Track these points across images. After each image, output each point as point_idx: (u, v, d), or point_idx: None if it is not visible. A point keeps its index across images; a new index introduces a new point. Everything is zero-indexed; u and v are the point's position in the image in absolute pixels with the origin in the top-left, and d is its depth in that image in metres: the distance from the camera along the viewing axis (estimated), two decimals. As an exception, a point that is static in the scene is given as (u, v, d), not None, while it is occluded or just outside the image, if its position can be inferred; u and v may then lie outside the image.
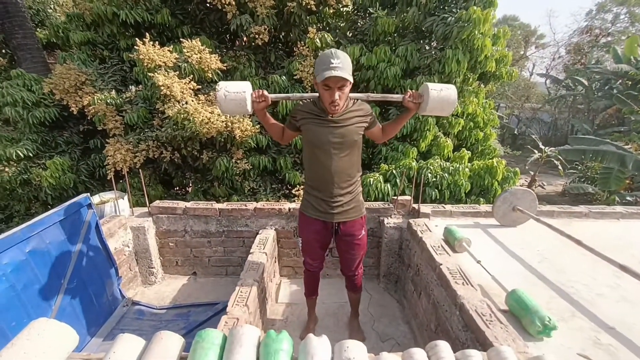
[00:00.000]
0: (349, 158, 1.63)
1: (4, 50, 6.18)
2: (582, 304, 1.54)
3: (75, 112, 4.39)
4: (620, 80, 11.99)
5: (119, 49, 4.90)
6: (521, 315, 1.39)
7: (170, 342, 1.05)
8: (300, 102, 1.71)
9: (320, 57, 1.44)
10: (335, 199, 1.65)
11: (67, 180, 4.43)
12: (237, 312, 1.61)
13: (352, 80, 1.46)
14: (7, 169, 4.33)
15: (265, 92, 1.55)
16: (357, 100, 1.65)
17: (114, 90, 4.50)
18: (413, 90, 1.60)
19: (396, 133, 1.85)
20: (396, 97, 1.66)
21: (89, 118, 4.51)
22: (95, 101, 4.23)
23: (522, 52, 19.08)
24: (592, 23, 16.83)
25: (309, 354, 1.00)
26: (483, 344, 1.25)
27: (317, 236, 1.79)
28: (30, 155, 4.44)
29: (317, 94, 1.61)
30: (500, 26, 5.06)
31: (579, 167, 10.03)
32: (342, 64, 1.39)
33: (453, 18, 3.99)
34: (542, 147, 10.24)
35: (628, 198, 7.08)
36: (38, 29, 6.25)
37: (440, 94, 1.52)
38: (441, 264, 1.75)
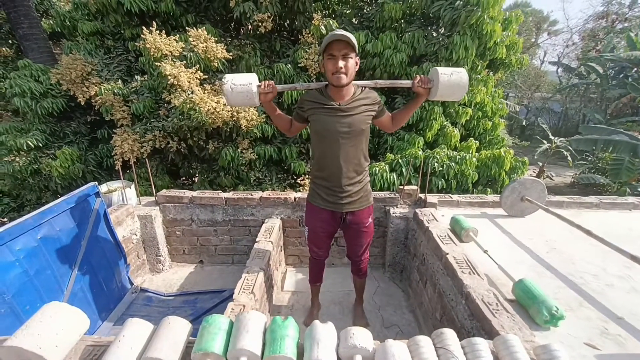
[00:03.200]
0: (357, 147, 1.61)
1: (10, 41, 6.20)
2: (590, 294, 1.53)
3: (82, 103, 4.41)
4: (635, 68, 11.58)
5: (124, 39, 4.87)
6: (528, 305, 1.38)
7: (178, 326, 1.07)
8: (307, 92, 1.69)
9: (326, 36, 1.46)
10: (344, 189, 1.64)
11: (76, 170, 4.49)
12: (244, 299, 1.63)
13: (356, 50, 1.46)
14: (17, 159, 4.40)
15: (272, 83, 1.55)
16: (365, 88, 1.63)
17: (119, 80, 4.49)
18: (422, 75, 1.56)
19: (406, 121, 1.82)
20: (405, 83, 1.63)
21: (96, 108, 4.53)
22: (102, 91, 4.24)
23: (533, 40, 18.50)
24: (609, 8, 16.17)
25: (314, 340, 1.01)
26: (489, 332, 1.25)
27: (324, 225, 1.78)
28: (40, 145, 4.50)
29: (323, 83, 1.60)
30: (512, 11, 4.88)
31: (589, 158, 9.81)
32: (345, 34, 1.41)
33: (461, 2, 3.86)
34: (552, 137, 10.02)
35: (639, 189, 6.92)
36: (43, 19, 6.24)
37: (451, 78, 1.48)
38: (447, 254, 1.74)
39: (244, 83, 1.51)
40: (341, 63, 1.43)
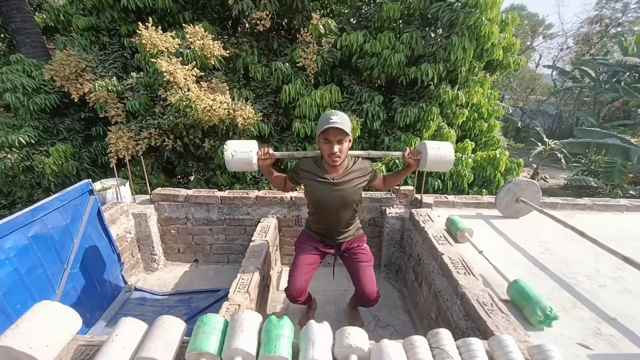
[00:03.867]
0: (350, 211, 1.77)
1: (2, 35, 6.09)
2: (583, 294, 1.54)
3: (76, 99, 4.35)
4: (628, 73, 11.75)
5: (120, 35, 4.80)
6: (522, 305, 1.39)
7: (172, 326, 1.06)
8: (303, 160, 1.78)
9: (322, 116, 1.57)
10: (337, 238, 1.84)
11: (69, 168, 4.42)
12: (239, 298, 1.62)
13: (351, 136, 1.57)
14: (9, 156, 4.32)
15: (271, 150, 1.66)
16: (358, 158, 1.74)
17: (114, 77, 4.44)
18: (412, 148, 1.69)
19: (397, 184, 1.99)
20: (396, 154, 1.76)
21: (90, 105, 4.47)
22: (97, 88, 4.18)
23: (528, 43, 18.67)
24: (602, 12, 16.39)
25: (310, 340, 1.01)
26: (484, 332, 1.26)
27: (317, 244, 1.88)
28: (32, 142, 4.42)
29: (319, 152, 1.68)
30: (508, 13, 4.91)
31: (582, 161, 9.94)
32: (340, 119, 1.49)
33: (460, 3, 3.88)
34: (546, 139, 10.13)
35: (631, 192, 7.02)
36: (36, 13, 6.14)
37: (438, 152, 1.61)
38: (443, 254, 1.75)
39: (244, 150, 1.62)
40: (336, 148, 1.53)
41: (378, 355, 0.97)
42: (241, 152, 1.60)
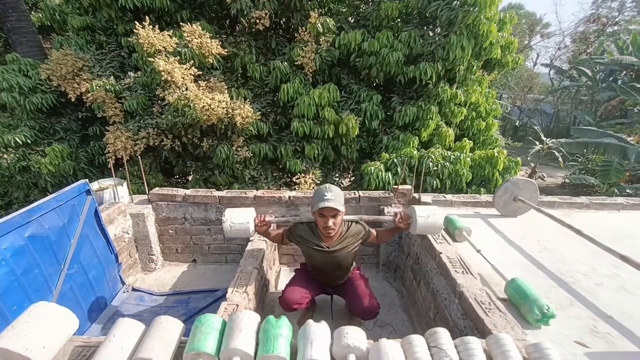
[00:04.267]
0: (345, 269, 1.89)
1: (-2, 34, 6.04)
2: (581, 293, 1.55)
3: (73, 99, 4.32)
4: (624, 72, 11.81)
5: (117, 34, 4.78)
6: (520, 304, 1.39)
7: (170, 326, 1.05)
8: (299, 225, 1.84)
9: (317, 191, 1.66)
10: (333, 284, 1.97)
11: (66, 168, 4.40)
12: (237, 298, 1.61)
13: (343, 211, 1.65)
14: (5, 156, 4.29)
15: (267, 217, 1.75)
16: (352, 223, 1.82)
17: (112, 76, 4.42)
18: (401, 213, 1.76)
19: (390, 239, 2.17)
20: (387, 218, 1.92)
21: (87, 105, 4.45)
22: (94, 88, 4.16)
23: (526, 42, 18.72)
24: (599, 11, 16.45)
25: (308, 339, 1.01)
26: (482, 331, 1.26)
27: (313, 281, 1.96)
28: (29, 142, 4.40)
29: (313, 219, 1.77)
30: (506, 12, 4.92)
31: (580, 160, 9.99)
32: (334, 196, 1.59)
33: (458, 2, 3.88)
34: (544, 138, 10.17)
35: (628, 190, 7.06)
36: (32, 12, 6.09)
37: (427, 221, 1.66)
38: (441, 253, 1.75)
39: (242, 222, 1.70)
40: (331, 222, 1.63)
41: (376, 355, 0.97)
42: (239, 223, 1.70)
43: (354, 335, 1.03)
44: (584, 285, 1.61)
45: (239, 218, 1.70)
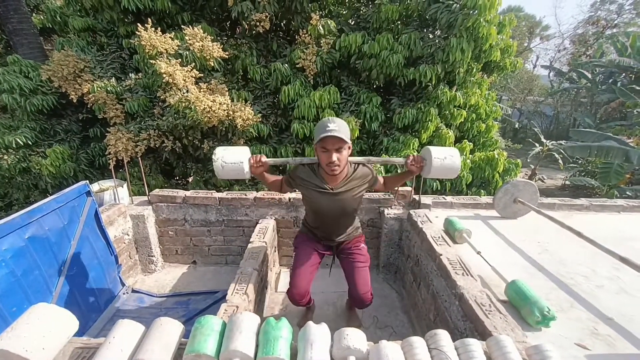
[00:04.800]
0: (350, 217, 1.75)
1: (-1, 36, 6.07)
2: (581, 295, 1.55)
3: (74, 100, 4.34)
4: (624, 74, 11.84)
5: (118, 36, 4.80)
6: (520, 306, 1.39)
7: (169, 328, 1.05)
8: (299, 167, 1.68)
9: (319, 123, 1.47)
10: (335, 239, 1.81)
11: (67, 169, 4.41)
12: (237, 300, 1.61)
13: (349, 144, 1.49)
14: (6, 157, 4.30)
15: (264, 158, 1.58)
16: (358, 165, 1.65)
17: (113, 78, 4.43)
18: (415, 155, 1.59)
19: (398, 186, 1.92)
20: (398, 160, 1.67)
21: (88, 106, 4.46)
22: (95, 89, 4.17)
23: (525, 44, 18.78)
24: (597, 14, 16.52)
25: (308, 341, 1.00)
26: (482, 333, 1.26)
27: (314, 245, 1.84)
28: (29, 143, 4.41)
29: (315, 160, 1.60)
30: (505, 15, 4.94)
31: (580, 161, 10.00)
32: (338, 127, 1.40)
33: (458, 5, 3.90)
34: (544, 140, 10.18)
35: (628, 192, 7.06)
36: (33, 14, 6.12)
37: (444, 162, 1.49)
38: (441, 255, 1.75)
39: (235, 161, 1.51)
40: (335, 157, 1.44)
41: (376, 357, 0.97)
42: (231, 162, 1.50)
43: (354, 337, 1.03)
44: (584, 287, 1.60)
45: (231, 157, 1.50)
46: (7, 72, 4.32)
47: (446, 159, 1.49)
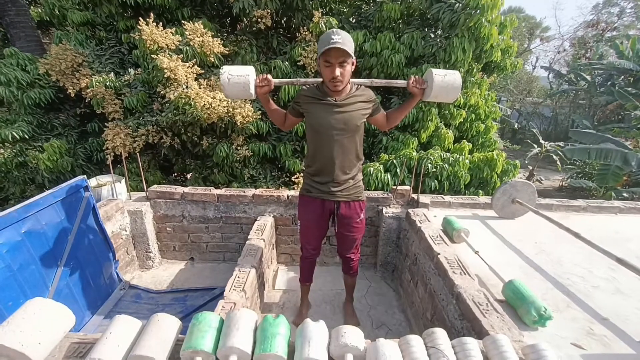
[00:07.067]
0: (352, 142, 1.64)
1: (-4, 28, 5.99)
2: (577, 295, 1.56)
3: (72, 95, 4.30)
4: (622, 77, 11.89)
5: (117, 30, 4.76)
6: (517, 305, 1.40)
7: (167, 324, 1.05)
8: (304, 87, 1.70)
9: (322, 36, 1.45)
10: (337, 182, 1.67)
11: (64, 164, 4.38)
12: (234, 297, 1.61)
13: (353, 57, 1.46)
14: (2, 151, 4.27)
15: (269, 76, 1.55)
16: (361, 86, 1.65)
17: (112, 72, 4.40)
18: (417, 76, 1.60)
19: (400, 120, 1.85)
20: (400, 82, 1.67)
21: (86, 101, 4.42)
22: (94, 83, 4.14)
23: (525, 45, 18.80)
24: (599, 17, 16.55)
25: (306, 338, 1.00)
26: (479, 332, 1.26)
27: (316, 217, 1.78)
28: (26, 137, 4.37)
29: (320, 79, 1.61)
30: (506, 16, 4.94)
31: (577, 163, 10.05)
32: (342, 39, 1.38)
33: (460, 5, 3.89)
34: (542, 141, 10.23)
35: (624, 194, 7.12)
36: (31, 7, 6.06)
37: (445, 79, 1.53)
38: (439, 254, 1.76)
39: (241, 74, 1.52)
40: (338, 71, 1.43)
41: (374, 354, 0.97)
42: (237, 75, 1.51)
43: (352, 335, 1.03)
44: (580, 288, 1.61)
45: (237, 71, 1.53)
46: (4, 65, 4.27)
47: (447, 75, 1.53)
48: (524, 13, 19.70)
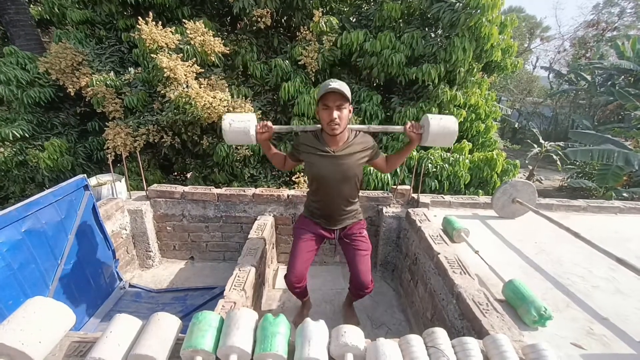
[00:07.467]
0: (350, 186, 1.73)
1: (-4, 27, 5.98)
2: (577, 295, 1.56)
3: (72, 94, 4.30)
4: (622, 77, 11.88)
5: (117, 29, 4.75)
6: (517, 305, 1.40)
7: (167, 323, 1.05)
8: (303, 134, 1.76)
9: (321, 84, 1.59)
10: (338, 215, 1.79)
11: (64, 163, 4.37)
12: (234, 296, 1.61)
13: (350, 102, 1.56)
14: (2, 150, 4.26)
15: (269, 123, 1.63)
16: (359, 132, 1.71)
17: (112, 71, 4.39)
18: (413, 122, 1.66)
19: (400, 164, 1.93)
20: (397, 128, 1.75)
21: (86, 100, 4.42)
22: (94, 82, 4.13)
23: (526, 45, 18.79)
24: (599, 17, 16.53)
25: (306, 338, 1.00)
26: (479, 332, 1.26)
27: (312, 236, 1.84)
28: (26, 136, 4.37)
29: (319, 126, 1.67)
30: (507, 15, 4.93)
31: (577, 163, 10.04)
32: (340, 85, 1.48)
33: (460, 4, 3.89)
34: (542, 141, 10.22)
35: (624, 194, 7.12)
36: (31, 5, 6.04)
37: (441, 124, 1.57)
38: (439, 253, 1.76)
39: (242, 120, 1.60)
40: (335, 114, 1.50)
41: (374, 354, 0.97)
42: (239, 121, 1.59)
43: (352, 334, 1.03)
44: (580, 288, 1.62)
45: (238, 118, 1.61)
46: (3, 64, 4.26)
47: (442, 120, 1.58)
48: (525, 13, 19.67)
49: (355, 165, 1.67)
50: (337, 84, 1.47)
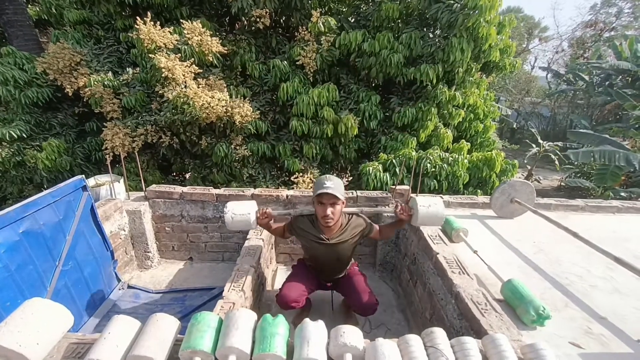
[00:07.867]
0: (345, 262, 1.91)
1: (-6, 27, 5.96)
2: (575, 294, 1.56)
3: (70, 94, 4.28)
4: (620, 77, 11.93)
5: (115, 29, 4.74)
6: (516, 305, 1.40)
7: (165, 324, 1.05)
8: (299, 217, 1.85)
9: (317, 180, 1.68)
10: (332, 278, 1.98)
11: (63, 163, 4.36)
12: (233, 296, 1.61)
13: (344, 200, 1.67)
14: (0, 150, 4.24)
15: (269, 210, 1.75)
16: (352, 216, 1.82)
17: (110, 72, 4.38)
18: (403, 205, 1.75)
19: (393, 235, 2.17)
20: (388, 210, 1.88)
21: (84, 100, 4.40)
22: (92, 82, 4.12)
23: (524, 45, 18.83)
24: (597, 17, 16.59)
25: (305, 338, 1.00)
26: (478, 332, 1.27)
27: (311, 276, 1.96)
28: (24, 136, 4.35)
29: (313, 210, 1.77)
30: (505, 16, 4.94)
31: (576, 162, 10.07)
32: (334, 185, 1.60)
33: (459, 5, 3.89)
34: (541, 141, 10.24)
35: (622, 194, 7.14)
36: (29, 5, 6.02)
37: (429, 210, 1.65)
38: (438, 253, 1.76)
39: (243, 213, 1.71)
40: (329, 210, 1.63)
41: (373, 354, 0.97)
42: (240, 214, 1.70)
43: (351, 335, 1.03)
44: (578, 287, 1.62)
45: (240, 209, 1.70)
46: (1, 64, 4.25)
47: (430, 206, 1.66)
48: (523, 13, 19.69)
49: (348, 249, 1.82)
50: (331, 184, 1.58)
